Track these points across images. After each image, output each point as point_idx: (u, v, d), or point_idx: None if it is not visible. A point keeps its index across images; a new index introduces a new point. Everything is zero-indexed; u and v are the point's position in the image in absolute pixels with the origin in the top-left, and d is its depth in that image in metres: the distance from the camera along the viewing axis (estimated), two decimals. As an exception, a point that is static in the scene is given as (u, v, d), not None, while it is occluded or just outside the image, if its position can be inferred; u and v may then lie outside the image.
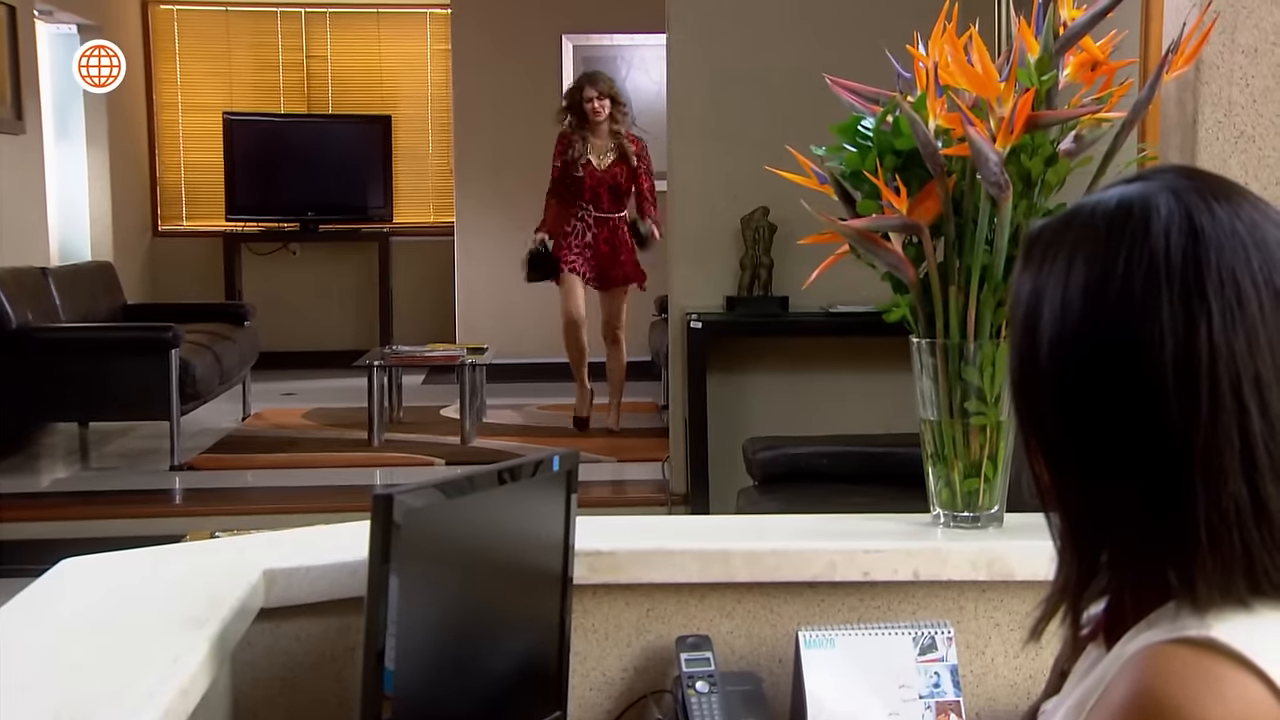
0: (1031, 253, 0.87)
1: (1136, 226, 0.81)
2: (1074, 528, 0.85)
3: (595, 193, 6.23)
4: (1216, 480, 0.78)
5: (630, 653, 1.55)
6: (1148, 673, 0.77)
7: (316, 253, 8.93)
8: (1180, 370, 0.78)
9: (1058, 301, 0.83)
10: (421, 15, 9.00)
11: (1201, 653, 0.77)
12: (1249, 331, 0.78)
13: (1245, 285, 0.79)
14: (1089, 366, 0.81)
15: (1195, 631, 0.78)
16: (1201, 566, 0.79)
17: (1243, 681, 0.75)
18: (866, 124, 1.57)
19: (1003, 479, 1.58)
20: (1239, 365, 0.78)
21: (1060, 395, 0.83)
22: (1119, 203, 0.84)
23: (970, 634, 1.55)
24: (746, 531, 1.72)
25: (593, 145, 6.24)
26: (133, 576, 1.46)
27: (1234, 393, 0.78)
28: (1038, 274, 0.85)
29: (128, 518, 5.12)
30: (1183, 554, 0.79)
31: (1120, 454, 0.80)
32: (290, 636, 1.45)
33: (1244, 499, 0.78)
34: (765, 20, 4.94)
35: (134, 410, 6.23)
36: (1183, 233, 0.80)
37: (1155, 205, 0.82)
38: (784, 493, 3.40)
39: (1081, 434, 0.82)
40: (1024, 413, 0.87)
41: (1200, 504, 0.78)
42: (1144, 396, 0.79)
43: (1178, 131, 1.64)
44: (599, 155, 6.24)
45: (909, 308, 1.58)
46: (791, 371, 5.04)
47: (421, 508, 1.20)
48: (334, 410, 7.14)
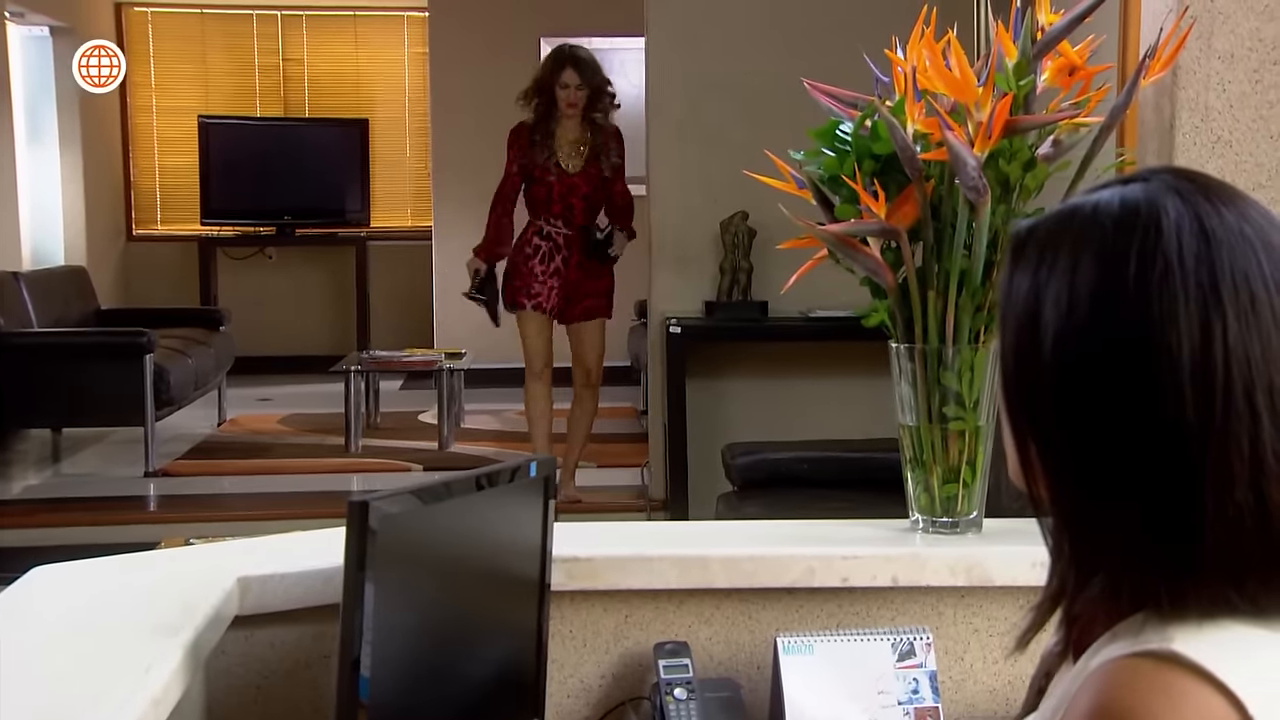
0: (1024, 251, 0.85)
1: (1147, 227, 0.80)
2: (1071, 533, 0.83)
3: (566, 204, 4.88)
4: (1226, 487, 0.77)
5: (608, 659, 1.54)
6: (1109, 686, 0.77)
7: (293, 257, 8.89)
8: (1197, 375, 0.77)
9: (1064, 299, 0.81)
10: (399, 18, 8.98)
11: (1163, 666, 0.76)
12: (1263, 337, 0.78)
13: (1258, 289, 0.78)
14: (1098, 366, 0.79)
15: (1157, 645, 0.77)
16: (1200, 576, 0.78)
17: (1203, 695, 0.75)
18: (845, 128, 1.57)
19: (981, 484, 1.58)
20: (1253, 371, 0.77)
21: (1064, 395, 0.81)
22: (1123, 203, 0.82)
23: (949, 640, 1.54)
24: (725, 537, 1.71)
25: (562, 142, 4.88)
26: (105, 584, 1.44)
27: (1247, 399, 0.77)
28: (1035, 272, 0.83)
29: (101, 525, 5.09)
30: (1182, 563, 0.78)
31: (1126, 457, 0.79)
32: (265, 644, 1.44)
33: (1250, 506, 0.77)
34: (745, 24, 4.95)
35: (108, 416, 6.19)
36: (1194, 235, 0.79)
37: (1163, 206, 0.81)
38: (763, 498, 3.40)
39: (1085, 436, 0.80)
40: (1021, 415, 0.85)
41: (1209, 511, 0.77)
42: (1158, 401, 0.78)
43: (1155, 136, 1.64)
44: (570, 155, 4.89)
45: (887, 313, 1.58)
46: (771, 376, 5.05)
47: (397, 514, 1.19)
48: (310, 416, 7.11)
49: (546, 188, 4.88)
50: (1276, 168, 1.60)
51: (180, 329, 6.76)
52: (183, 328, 6.83)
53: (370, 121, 8.90)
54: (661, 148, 5.03)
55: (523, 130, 4.91)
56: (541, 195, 4.90)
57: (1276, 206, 1.65)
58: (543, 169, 4.86)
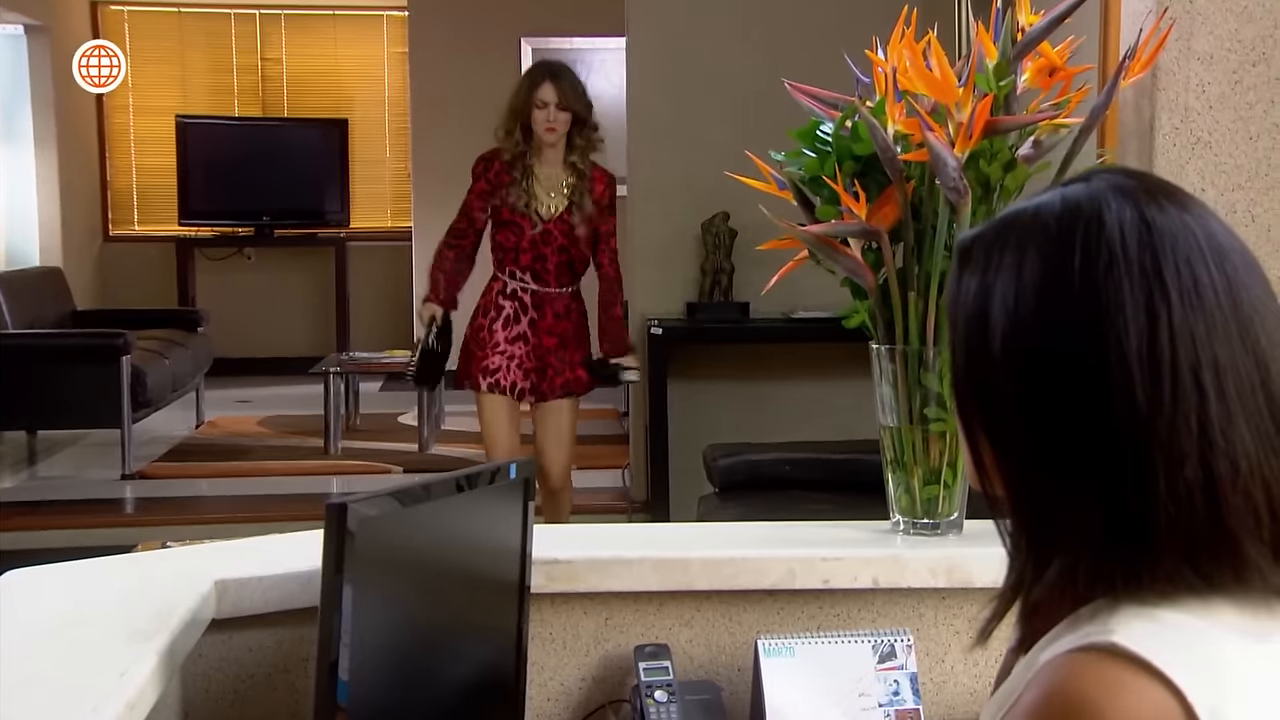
0: (970, 256, 0.87)
1: (1089, 221, 0.82)
2: (1026, 523, 0.85)
3: (538, 254, 3.97)
4: (1176, 466, 0.79)
5: (588, 662, 1.53)
6: (1051, 681, 0.79)
7: (272, 258, 8.85)
8: (1144, 358, 0.79)
9: (1010, 295, 0.83)
10: (378, 18, 8.95)
11: (1104, 659, 0.78)
12: (1207, 317, 0.80)
13: (1200, 272, 0.81)
14: (1048, 357, 0.82)
15: (1099, 638, 0.78)
16: (1154, 555, 0.79)
17: (1143, 685, 0.76)
18: (826, 129, 1.57)
19: (962, 486, 1.58)
20: (1199, 351, 0.79)
21: (1015, 389, 0.83)
22: (1064, 201, 0.85)
23: (930, 641, 1.54)
24: (705, 539, 1.71)
25: (539, 180, 3.98)
26: (81, 588, 1.43)
27: (1194, 378, 0.79)
28: (983, 273, 0.86)
29: (77, 528, 5.05)
30: (1136, 543, 0.80)
31: (1078, 443, 0.81)
32: (242, 648, 1.43)
33: (1200, 483, 0.79)
34: (725, 23, 4.95)
35: (84, 418, 6.15)
36: (1136, 224, 0.82)
37: (1105, 201, 0.83)
38: (745, 500, 3.40)
39: (1037, 426, 0.82)
40: (973, 411, 0.87)
41: (1161, 490, 0.79)
42: (1108, 385, 0.80)
43: (1135, 137, 1.65)
44: (547, 196, 3.98)
45: (868, 313, 1.58)
46: (752, 377, 5.05)
47: (376, 516, 1.18)
48: (289, 418, 7.08)
49: (517, 232, 3.96)
50: (1255, 168, 1.61)
51: (158, 330, 6.72)
52: (160, 329, 6.80)
53: (350, 122, 8.87)
54: (643, 147, 5.02)
55: (496, 161, 3.99)
56: (510, 241, 3.98)
57: (1255, 206, 1.66)
58: (514, 209, 3.95)
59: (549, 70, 4.01)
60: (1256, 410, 0.80)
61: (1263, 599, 0.81)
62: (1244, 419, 0.80)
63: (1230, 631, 0.80)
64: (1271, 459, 0.80)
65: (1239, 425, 0.79)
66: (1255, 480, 0.80)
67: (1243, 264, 0.83)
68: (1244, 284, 0.82)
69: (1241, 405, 0.80)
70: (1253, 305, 0.81)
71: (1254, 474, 0.80)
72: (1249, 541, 0.80)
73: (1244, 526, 0.79)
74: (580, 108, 3.96)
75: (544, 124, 3.92)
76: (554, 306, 4.03)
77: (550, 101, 3.92)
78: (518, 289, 4.01)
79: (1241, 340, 0.80)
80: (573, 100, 3.94)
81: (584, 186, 3.97)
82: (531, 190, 3.97)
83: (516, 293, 4.01)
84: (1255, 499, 0.80)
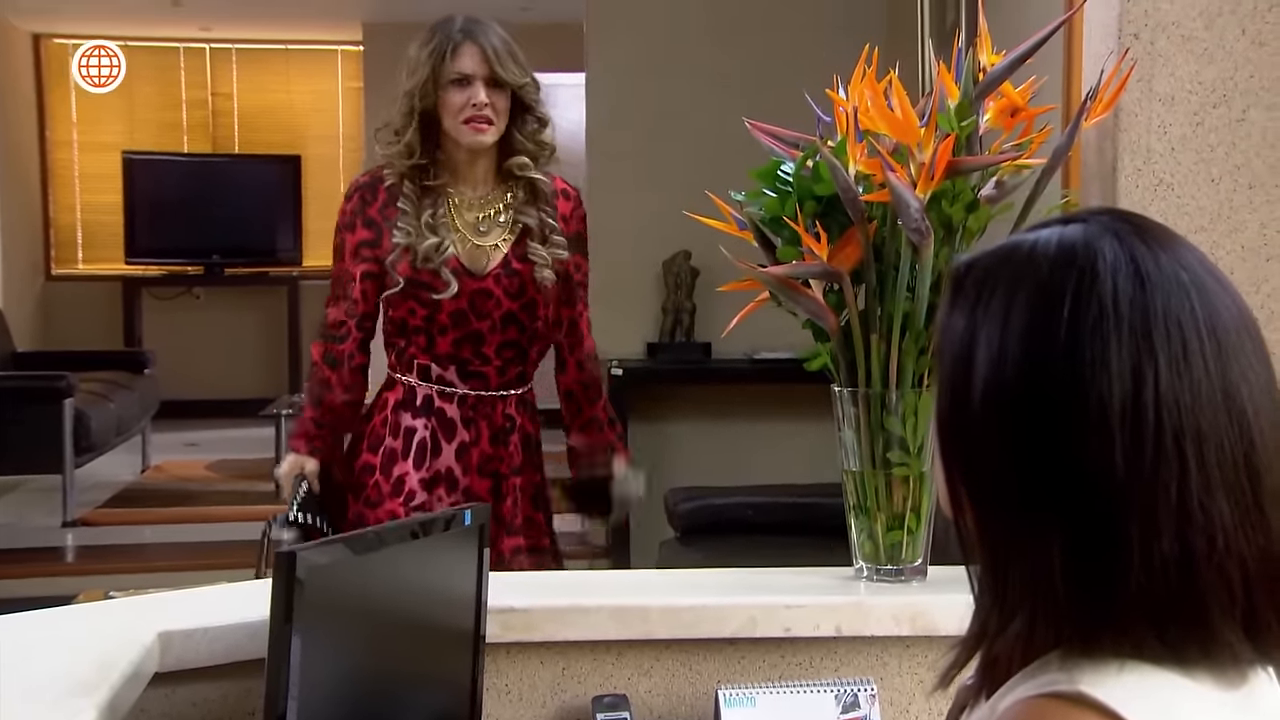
0: (963, 287, 0.86)
1: (1083, 269, 0.81)
2: (995, 573, 0.84)
3: (468, 334, 2.33)
4: (1152, 537, 0.77)
5: (545, 714, 1.50)
6: None
7: (222, 297, 8.76)
8: (1127, 421, 0.77)
9: (995, 344, 0.82)
10: (333, 53, 8.92)
11: (1069, 706, 0.77)
12: (1194, 385, 0.78)
13: (1190, 335, 0.79)
14: (1028, 410, 0.80)
15: (1064, 686, 0.78)
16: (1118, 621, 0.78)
17: None
18: (786, 169, 1.56)
19: (926, 531, 1.56)
20: (1183, 419, 0.78)
21: (995, 438, 0.82)
22: (1060, 243, 0.83)
23: (894, 691, 1.52)
24: (664, 586, 1.69)
25: (460, 208, 2.36)
26: (18, 641, 1.38)
27: (1176, 446, 0.77)
28: (972, 311, 0.84)
29: (15, 578, 4.92)
30: (1101, 605, 0.78)
31: (1054, 503, 0.79)
32: (186, 702, 1.38)
33: (1175, 556, 0.77)
34: (686, 61, 4.96)
35: (24, 464, 5.99)
36: (1129, 278, 0.80)
37: (1100, 249, 0.81)
38: (706, 545, 3.37)
39: (1011, 478, 0.81)
40: (952, 455, 0.86)
41: (1135, 560, 0.77)
42: (1088, 447, 0.78)
43: (1098, 179, 1.65)
44: (476, 234, 2.35)
45: (830, 356, 1.56)
46: (715, 419, 5.02)
47: (327, 564, 1.16)
48: (239, 461, 6.97)
49: (427, 302, 2.31)
50: (1217, 211, 1.61)
51: (102, 372, 6.60)
52: (105, 370, 6.67)
53: (302, 158, 8.81)
54: (602, 185, 5.00)
55: (380, 188, 2.36)
56: (417, 318, 2.33)
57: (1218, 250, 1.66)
58: (420, 262, 2.30)
59: (467, 29, 2.33)
60: (1237, 484, 0.78)
61: (1234, 667, 0.80)
62: (1224, 492, 0.78)
63: (1196, 683, 0.78)
64: (1249, 534, 0.78)
65: (1218, 498, 0.78)
66: (1231, 557, 0.78)
67: (1235, 325, 0.81)
68: (1234, 350, 0.80)
69: (1222, 478, 0.78)
70: (1241, 374, 0.80)
71: (1230, 550, 0.78)
72: (1220, 617, 0.78)
73: (1217, 602, 0.78)
74: (524, 83, 2.33)
75: (466, 113, 2.30)
76: (493, 420, 2.38)
77: (476, 74, 2.30)
78: (434, 396, 2.34)
79: (1227, 411, 0.78)
80: (511, 71, 2.31)
81: (541, 211, 2.36)
82: (450, 225, 2.33)
83: (432, 403, 2.34)
84: (1230, 575, 0.78)
